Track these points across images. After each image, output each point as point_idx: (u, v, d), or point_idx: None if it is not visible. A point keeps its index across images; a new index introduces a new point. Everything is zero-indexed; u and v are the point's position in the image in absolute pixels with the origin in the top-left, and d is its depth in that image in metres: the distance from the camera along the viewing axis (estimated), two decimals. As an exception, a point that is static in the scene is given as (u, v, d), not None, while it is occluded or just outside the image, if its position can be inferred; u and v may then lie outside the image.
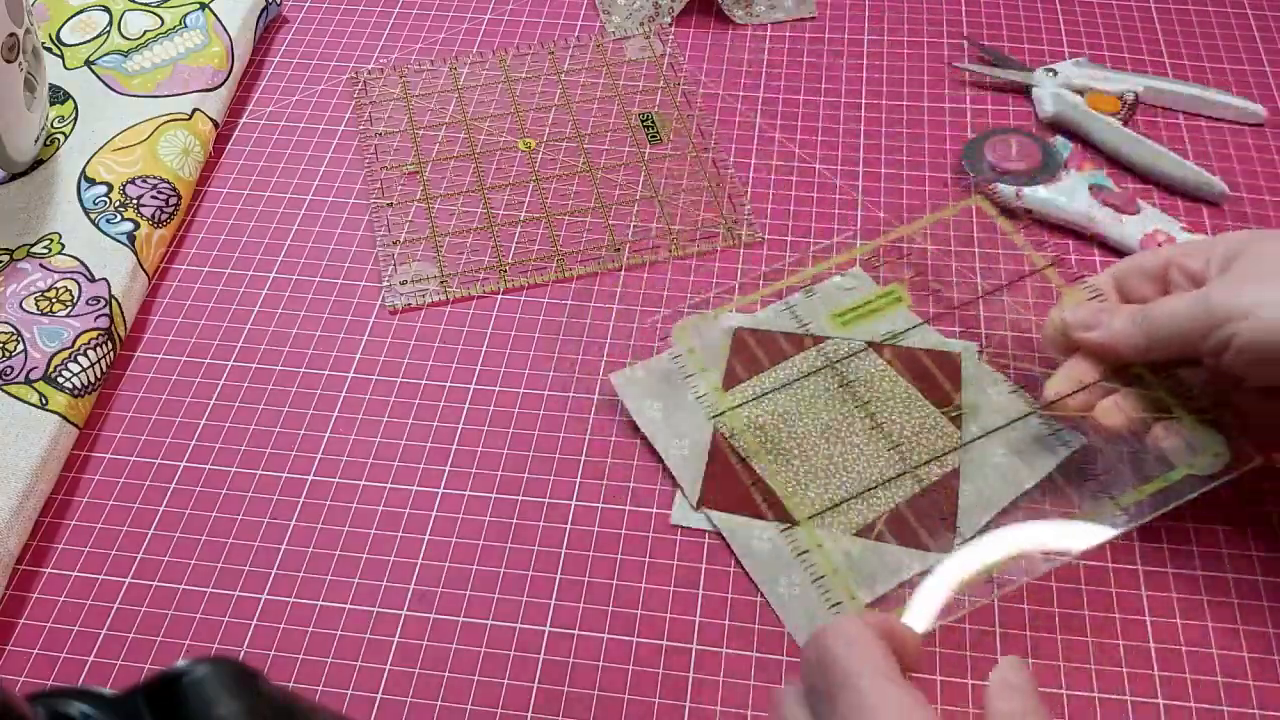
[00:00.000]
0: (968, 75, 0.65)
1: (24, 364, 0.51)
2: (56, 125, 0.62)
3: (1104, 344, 0.45)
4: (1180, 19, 0.68)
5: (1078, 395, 0.45)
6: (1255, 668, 0.43)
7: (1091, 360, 0.46)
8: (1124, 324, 0.45)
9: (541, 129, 0.64)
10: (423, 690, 0.43)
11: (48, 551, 0.48)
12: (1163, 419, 0.45)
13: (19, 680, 0.44)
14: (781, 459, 0.48)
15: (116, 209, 0.57)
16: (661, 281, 0.56)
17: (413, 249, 0.58)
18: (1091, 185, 0.57)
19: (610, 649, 0.44)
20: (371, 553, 0.47)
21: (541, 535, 0.47)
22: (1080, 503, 0.45)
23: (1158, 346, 0.44)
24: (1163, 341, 0.44)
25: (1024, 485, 0.47)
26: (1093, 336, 0.46)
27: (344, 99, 0.66)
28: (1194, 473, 0.45)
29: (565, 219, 0.59)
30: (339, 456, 0.50)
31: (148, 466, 0.50)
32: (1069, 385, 0.46)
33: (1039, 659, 0.43)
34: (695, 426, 0.50)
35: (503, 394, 0.52)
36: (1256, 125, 0.62)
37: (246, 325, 0.55)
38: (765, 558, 0.46)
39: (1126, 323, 0.45)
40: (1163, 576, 0.45)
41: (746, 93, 0.65)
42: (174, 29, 0.67)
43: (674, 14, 0.69)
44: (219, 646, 0.45)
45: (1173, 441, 0.44)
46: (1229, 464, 0.44)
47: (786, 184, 0.60)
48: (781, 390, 0.50)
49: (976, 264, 0.53)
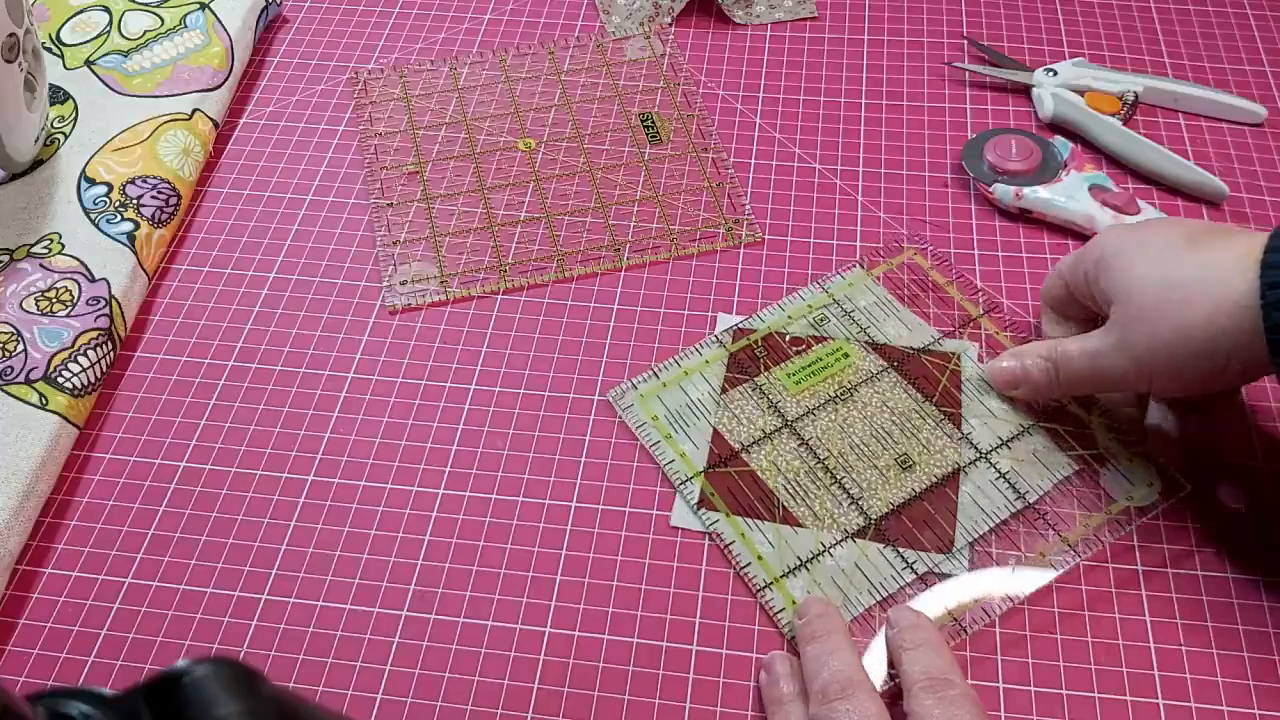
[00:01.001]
0: (968, 75, 0.65)
1: (24, 364, 0.51)
2: (56, 125, 0.62)
3: (1030, 399, 0.49)
4: (1180, 19, 0.68)
5: None
6: (1255, 668, 0.43)
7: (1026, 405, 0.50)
8: (1040, 377, 0.48)
9: (541, 129, 0.64)
10: (423, 691, 0.43)
11: (48, 551, 0.48)
12: (1098, 454, 0.48)
13: (19, 680, 0.44)
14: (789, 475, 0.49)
15: (116, 209, 0.57)
16: (661, 281, 0.56)
17: (413, 249, 0.58)
18: (1091, 185, 0.57)
19: (610, 650, 0.44)
20: (372, 553, 0.47)
21: (541, 536, 0.47)
22: (1030, 543, 0.46)
23: (1075, 391, 0.48)
24: (1077, 388, 0.48)
25: None
26: (1018, 395, 0.49)
27: (344, 99, 0.66)
28: (1133, 504, 0.47)
29: (565, 219, 0.59)
30: (339, 457, 0.50)
31: (148, 466, 0.50)
32: (1009, 430, 0.49)
33: (1039, 659, 0.43)
34: (696, 430, 0.50)
35: (503, 394, 0.52)
36: (1256, 125, 0.62)
37: (246, 325, 0.55)
38: (766, 560, 0.46)
39: (1042, 377, 0.48)
40: (1163, 576, 0.45)
41: (746, 93, 0.65)
42: (174, 29, 0.67)
43: (674, 14, 0.69)
44: (219, 646, 0.45)
45: (1112, 476, 0.47)
46: (1161, 493, 0.47)
47: (786, 184, 0.60)
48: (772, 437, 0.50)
49: (911, 317, 0.53)
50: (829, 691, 0.39)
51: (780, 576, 0.45)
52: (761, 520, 0.47)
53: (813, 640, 0.42)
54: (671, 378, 0.52)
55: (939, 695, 0.39)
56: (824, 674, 0.40)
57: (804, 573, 0.45)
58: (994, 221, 0.58)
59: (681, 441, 0.50)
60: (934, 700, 0.38)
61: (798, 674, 0.42)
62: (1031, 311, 0.54)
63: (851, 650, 0.41)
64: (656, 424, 0.50)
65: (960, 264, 0.56)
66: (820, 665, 0.40)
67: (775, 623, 0.44)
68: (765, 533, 0.47)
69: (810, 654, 0.41)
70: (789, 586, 0.45)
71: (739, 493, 0.48)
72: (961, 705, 0.38)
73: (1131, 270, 0.44)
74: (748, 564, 0.46)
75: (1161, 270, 0.42)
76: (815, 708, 0.39)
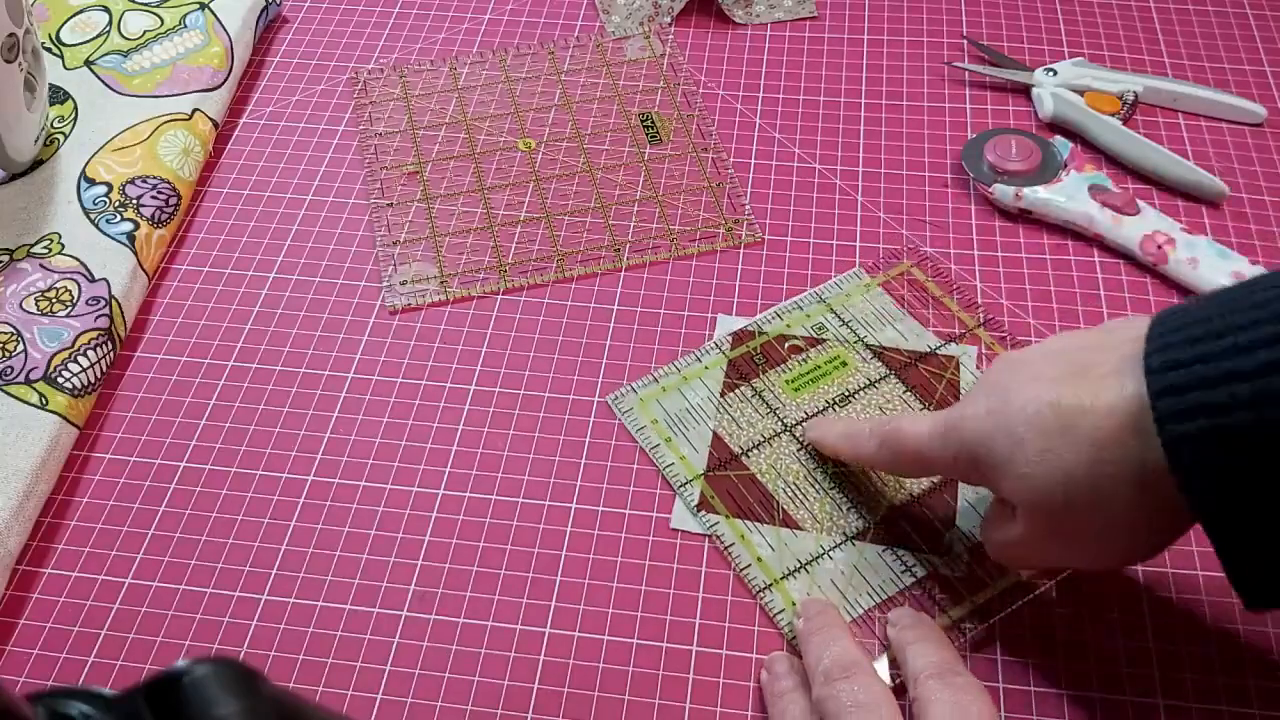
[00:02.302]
0: (968, 75, 0.65)
1: (24, 364, 0.51)
2: (56, 125, 0.62)
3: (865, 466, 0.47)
4: (1180, 19, 0.68)
5: None
6: (1254, 668, 0.43)
7: None
8: (876, 456, 0.45)
9: (541, 129, 0.64)
10: (423, 691, 0.43)
11: (48, 551, 0.48)
12: None
13: (19, 680, 0.44)
14: (788, 477, 0.49)
15: (116, 209, 0.57)
16: (661, 282, 0.56)
17: (413, 249, 0.58)
18: (1091, 185, 0.57)
19: (610, 651, 0.44)
20: (371, 553, 0.47)
21: (541, 537, 0.47)
22: None
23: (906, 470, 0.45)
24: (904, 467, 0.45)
25: None
26: (854, 465, 0.48)
27: (344, 99, 0.66)
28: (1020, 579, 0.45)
29: (565, 219, 0.59)
30: (339, 457, 0.50)
31: (148, 466, 0.50)
32: None
33: (1039, 659, 0.43)
34: (695, 433, 0.50)
35: (503, 395, 0.52)
36: (1256, 125, 0.62)
37: (246, 325, 0.55)
38: (765, 562, 0.46)
39: (871, 450, 0.45)
40: (1163, 576, 0.45)
41: (746, 93, 0.65)
42: (174, 29, 0.67)
43: (674, 14, 0.69)
44: (219, 646, 0.45)
45: None
46: None
47: (786, 184, 0.60)
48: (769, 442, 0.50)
49: (909, 323, 0.53)
50: (831, 673, 0.39)
51: (780, 578, 0.45)
52: (761, 523, 0.47)
53: (813, 634, 0.42)
54: (671, 383, 0.52)
55: (946, 681, 0.39)
56: (826, 659, 0.40)
57: (804, 575, 0.45)
58: (994, 222, 0.58)
59: (681, 445, 0.50)
60: (940, 685, 0.39)
61: (799, 670, 0.42)
62: (1030, 313, 0.54)
63: (852, 640, 0.41)
64: (656, 427, 0.50)
65: (960, 265, 0.56)
66: (822, 652, 0.41)
67: (775, 624, 0.44)
68: (765, 535, 0.47)
69: (812, 645, 0.42)
70: (789, 588, 0.45)
71: (739, 495, 0.48)
72: (969, 691, 0.38)
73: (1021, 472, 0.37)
74: (747, 566, 0.46)
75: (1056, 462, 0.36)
76: (818, 689, 0.40)
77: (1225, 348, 0.33)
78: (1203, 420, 0.32)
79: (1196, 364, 0.33)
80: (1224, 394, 0.32)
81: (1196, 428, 0.32)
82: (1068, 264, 0.56)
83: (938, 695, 0.38)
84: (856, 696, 0.38)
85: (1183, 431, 0.33)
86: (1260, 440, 0.32)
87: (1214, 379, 0.32)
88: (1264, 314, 0.33)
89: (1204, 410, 0.32)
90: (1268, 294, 0.33)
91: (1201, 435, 0.32)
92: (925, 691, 0.39)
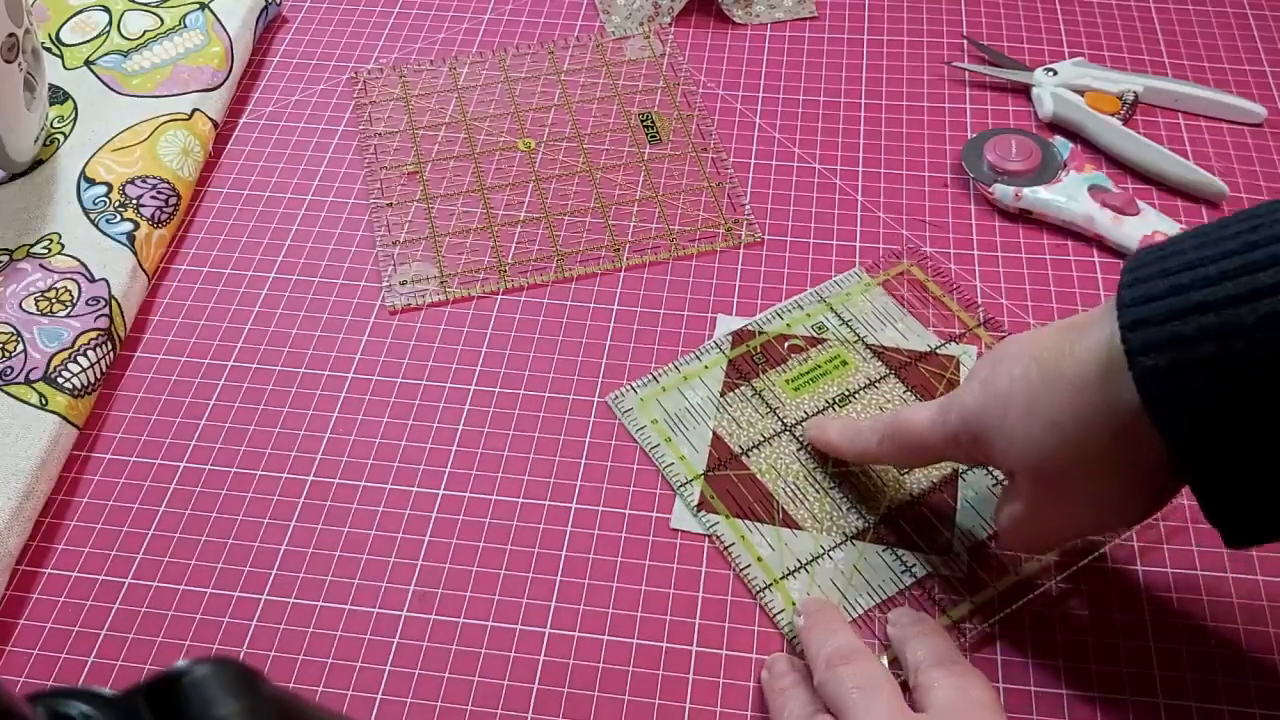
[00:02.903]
0: (968, 75, 0.65)
1: (24, 364, 0.51)
2: (56, 125, 0.62)
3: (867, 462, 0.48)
4: (1180, 19, 0.68)
5: None
6: (1254, 668, 0.43)
7: None
8: (878, 451, 0.45)
9: (541, 129, 0.64)
10: (423, 691, 0.43)
11: (48, 551, 0.48)
12: None
13: (19, 680, 0.44)
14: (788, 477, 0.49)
15: (116, 209, 0.57)
16: (661, 282, 0.56)
17: (413, 249, 0.58)
18: (1091, 186, 0.57)
19: (610, 651, 0.44)
20: (371, 553, 0.47)
21: (541, 537, 0.47)
22: None
23: (909, 460, 0.46)
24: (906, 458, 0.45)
25: None
26: (858, 465, 0.48)
27: (344, 99, 0.66)
28: (1020, 578, 0.45)
29: (565, 219, 0.59)
30: (339, 457, 0.50)
31: (148, 466, 0.50)
32: None
33: (1039, 659, 0.43)
34: (695, 433, 0.50)
35: (503, 395, 0.52)
36: (1256, 125, 0.62)
37: (246, 325, 0.55)
38: (765, 562, 0.46)
39: (872, 446, 0.45)
40: (1162, 576, 0.45)
41: (746, 93, 0.65)
42: (174, 29, 0.67)
43: (674, 14, 0.69)
44: (219, 646, 0.45)
45: None
46: None
47: (786, 184, 0.60)
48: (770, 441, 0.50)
49: (909, 323, 0.53)
50: (832, 659, 0.40)
51: (780, 578, 0.45)
52: (761, 523, 0.47)
53: (814, 628, 0.42)
54: (670, 382, 0.52)
55: (948, 668, 0.39)
56: (827, 648, 0.40)
57: (804, 574, 0.45)
58: (994, 222, 0.58)
59: (681, 445, 0.49)
60: (943, 671, 0.39)
61: (799, 669, 0.42)
62: (1030, 313, 0.54)
63: (853, 631, 0.42)
64: (656, 427, 0.50)
65: (960, 264, 0.56)
66: (823, 643, 0.41)
67: (775, 624, 0.44)
68: (765, 535, 0.47)
69: (812, 637, 0.42)
70: (789, 588, 0.45)
71: (739, 495, 0.48)
72: (969, 675, 0.39)
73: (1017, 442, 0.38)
74: (747, 566, 0.46)
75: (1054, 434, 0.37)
76: (819, 674, 0.40)
77: (1195, 279, 0.32)
78: (1172, 352, 0.32)
79: (1169, 296, 0.33)
80: (1192, 325, 0.32)
81: (1167, 360, 0.32)
82: (1068, 264, 0.56)
83: (939, 681, 0.39)
84: (858, 679, 0.39)
85: (1152, 364, 0.32)
86: (1229, 371, 0.31)
87: (1183, 310, 0.32)
88: (1235, 245, 0.33)
89: (1173, 343, 0.32)
90: (1239, 226, 0.33)
91: (1171, 368, 0.32)
92: (926, 679, 0.39)
